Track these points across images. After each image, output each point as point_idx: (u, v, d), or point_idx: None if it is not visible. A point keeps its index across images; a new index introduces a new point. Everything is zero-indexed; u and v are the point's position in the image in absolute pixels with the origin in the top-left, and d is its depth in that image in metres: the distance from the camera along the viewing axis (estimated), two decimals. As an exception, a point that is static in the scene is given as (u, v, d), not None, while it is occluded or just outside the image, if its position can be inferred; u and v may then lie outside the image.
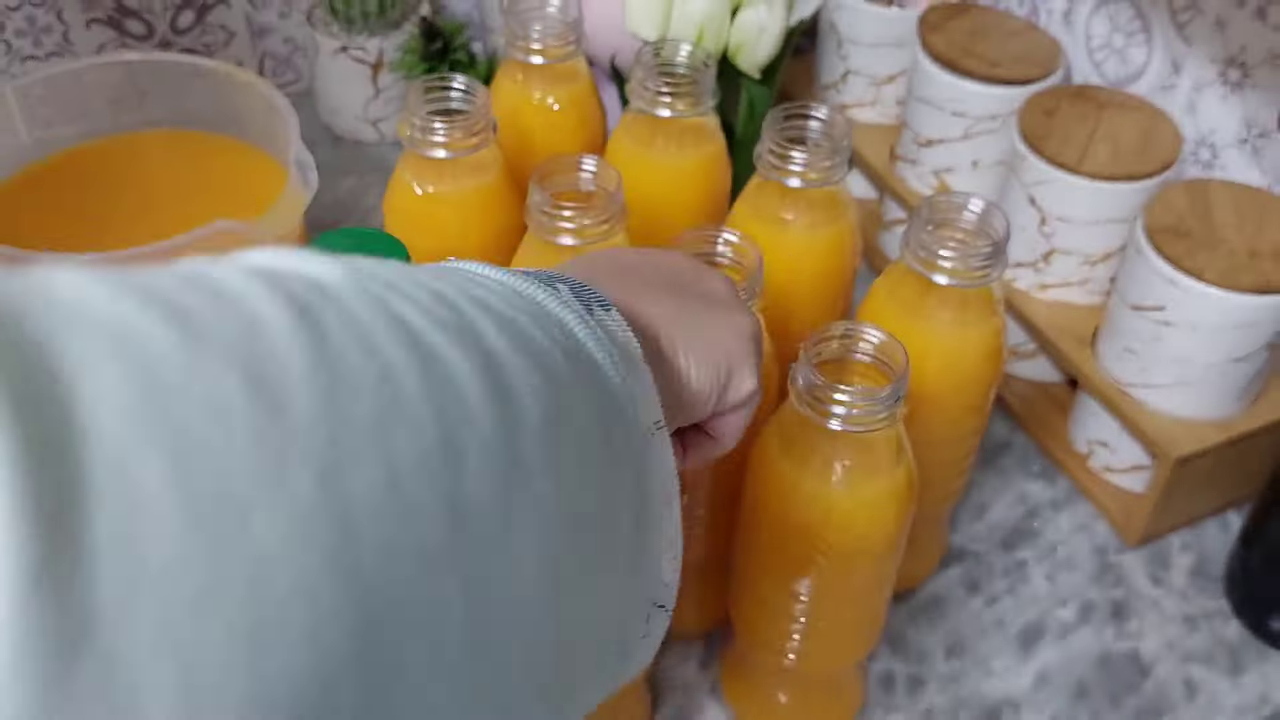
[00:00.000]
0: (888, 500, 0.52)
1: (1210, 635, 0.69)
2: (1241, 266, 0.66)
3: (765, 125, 0.59)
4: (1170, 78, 0.79)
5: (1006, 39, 0.80)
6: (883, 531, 0.52)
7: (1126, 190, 0.71)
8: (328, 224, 0.90)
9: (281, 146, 0.73)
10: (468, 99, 0.61)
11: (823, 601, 0.55)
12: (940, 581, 0.71)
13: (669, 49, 0.65)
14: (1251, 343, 0.67)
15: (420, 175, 0.62)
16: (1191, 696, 0.66)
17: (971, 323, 0.57)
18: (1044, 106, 0.75)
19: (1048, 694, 0.66)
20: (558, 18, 0.68)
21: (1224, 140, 0.76)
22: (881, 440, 0.51)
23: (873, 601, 0.56)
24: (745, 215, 0.62)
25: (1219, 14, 0.74)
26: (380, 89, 0.96)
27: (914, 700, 0.65)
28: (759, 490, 0.54)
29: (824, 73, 0.92)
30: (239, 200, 0.73)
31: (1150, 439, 0.70)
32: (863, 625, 0.57)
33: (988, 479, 0.77)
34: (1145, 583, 0.72)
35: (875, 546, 0.53)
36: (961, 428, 0.61)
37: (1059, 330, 0.76)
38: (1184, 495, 0.72)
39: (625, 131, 0.65)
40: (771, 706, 0.62)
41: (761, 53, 0.71)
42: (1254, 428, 0.70)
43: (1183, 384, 0.69)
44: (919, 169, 0.84)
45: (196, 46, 0.97)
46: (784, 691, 0.62)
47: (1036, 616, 0.70)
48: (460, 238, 0.63)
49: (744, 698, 0.63)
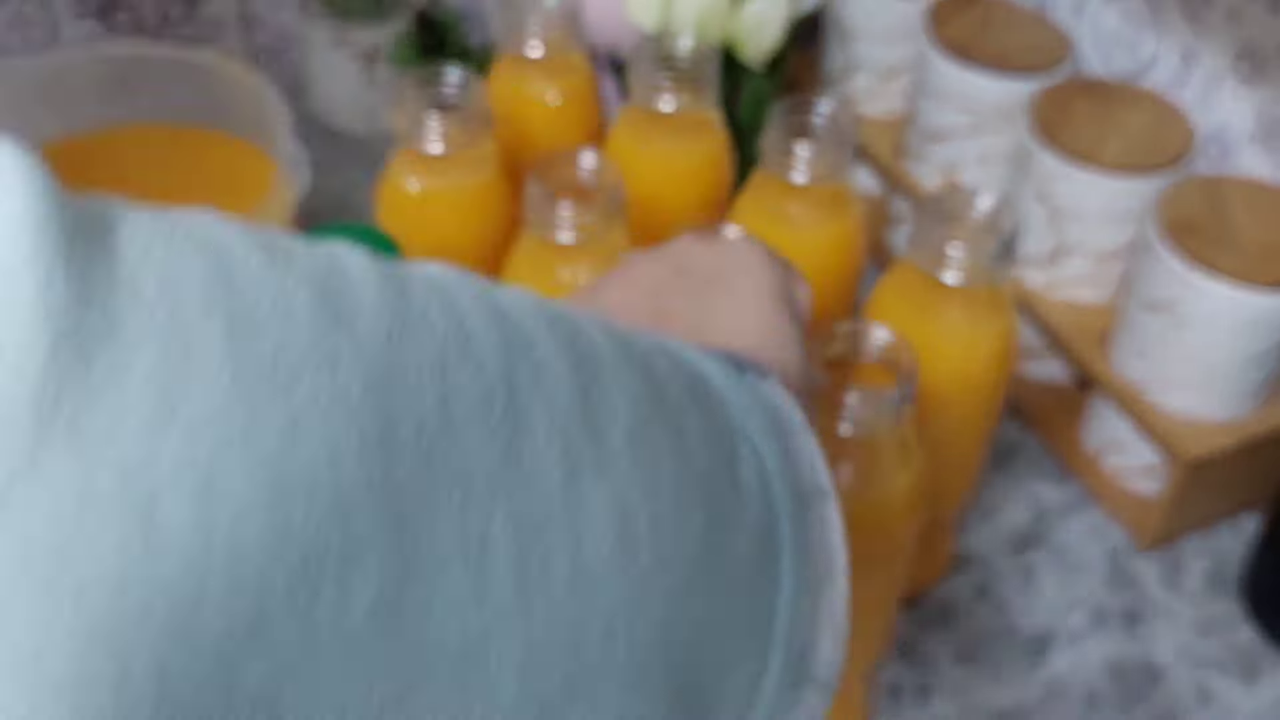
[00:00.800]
0: (896, 504, 0.51)
1: (1224, 641, 0.68)
2: (1256, 263, 0.65)
3: (769, 119, 0.59)
4: (1182, 71, 0.78)
5: (1015, 31, 0.80)
6: (890, 535, 0.52)
7: (1138, 185, 0.70)
8: (320, 219, 0.90)
9: (273, 140, 0.72)
10: (463, 93, 0.61)
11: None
12: (949, 587, 0.70)
13: (670, 40, 0.64)
14: (1266, 340, 0.66)
15: (415, 170, 0.62)
16: (1205, 704, 0.65)
17: (981, 322, 0.57)
18: (1054, 100, 0.74)
19: (1058, 702, 0.65)
20: (556, 9, 0.68)
21: (1236, 134, 0.76)
22: (889, 442, 0.50)
23: (881, 608, 0.56)
24: (748, 211, 0.61)
25: (1231, 6, 0.74)
26: (374, 82, 0.95)
27: (922, 709, 0.64)
28: None
29: (829, 65, 0.91)
30: (230, 194, 0.73)
31: (1163, 440, 0.69)
32: (871, 632, 0.57)
33: (997, 482, 0.76)
34: (1158, 588, 0.71)
35: (883, 551, 0.52)
36: (971, 429, 0.61)
37: (1070, 329, 0.75)
38: (1198, 498, 0.71)
39: (625, 125, 0.65)
40: None
41: (765, 44, 0.71)
42: (1269, 429, 0.69)
43: (1196, 384, 0.68)
44: (926, 163, 0.83)
45: (187, 39, 0.96)
46: None
47: (1047, 622, 0.69)
48: (456, 234, 0.63)
49: None
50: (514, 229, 0.62)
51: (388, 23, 0.95)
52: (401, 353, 0.23)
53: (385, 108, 0.97)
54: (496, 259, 0.63)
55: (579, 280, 0.57)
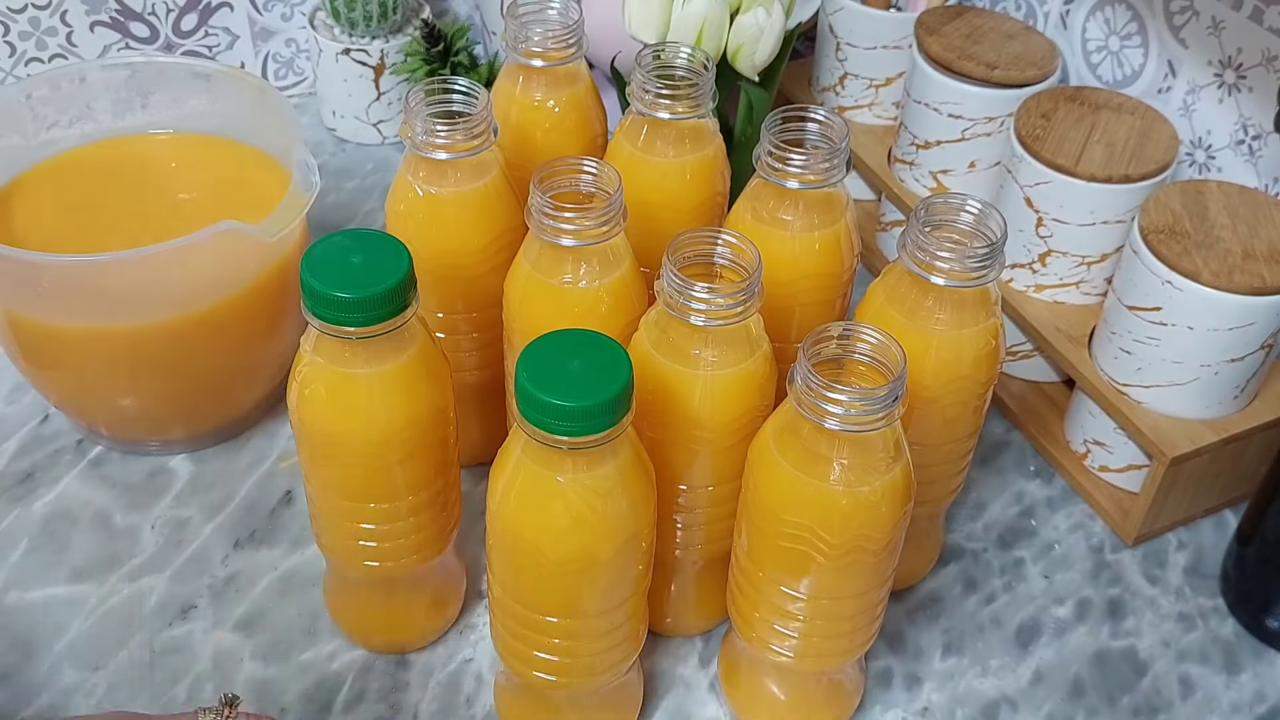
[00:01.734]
0: (886, 499, 0.52)
1: (1206, 633, 0.70)
2: (1237, 267, 0.66)
3: (764, 127, 0.60)
4: (1166, 80, 0.79)
5: (1003, 41, 0.81)
6: (880, 530, 0.53)
7: (1123, 192, 0.72)
8: (330, 226, 0.91)
9: (284, 149, 0.73)
10: (469, 101, 0.61)
11: (821, 599, 0.55)
12: (938, 580, 0.71)
13: (669, 52, 0.65)
14: (1247, 343, 0.68)
15: (422, 177, 0.62)
16: (1188, 694, 0.67)
17: (968, 323, 0.58)
18: (1041, 108, 0.76)
19: (1044, 692, 0.66)
20: (558, 20, 0.68)
21: (1220, 142, 0.77)
22: (879, 440, 0.51)
23: (871, 599, 0.57)
24: (744, 216, 0.62)
25: (1215, 16, 0.75)
26: (382, 91, 0.96)
27: (911, 697, 0.66)
28: (758, 489, 0.54)
29: (822, 75, 0.92)
30: (242, 202, 0.73)
31: (1146, 438, 0.70)
32: (861, 623, 0.58)
33: (985, 478, 0.77)
34: (1141, 581, 0.72)
35: (873, 545, 0.53)
36: (959, 427, 0.62)
37: (1055, 331, 0.76)
38: (1180, 494, 0.72)
39: (625, 134, 0.65)
40: (770, 703, 0.63)
41: (760, 55, 0.72)
42: (1249, 427, 0.71)
43: (1179, 384, 0.70)
44: (916, 170, 0.85)
45: (200, 49, 0.97)
46: (782, 688, 0.62)
47: (1033, 615, 0.70)
48: (461, 239, 0.63)
49: (743, 694, 0.64)
50: (518, 233, 0.63)
51: (395, 34, 0.96)
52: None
53: (393, 117, 0.98)
54: (501, 264, 0.64)
55: (580, 284, 0.58)
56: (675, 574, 0.65)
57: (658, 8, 0.71)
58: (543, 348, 0.49)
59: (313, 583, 0.69)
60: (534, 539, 0.51)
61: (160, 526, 0.72)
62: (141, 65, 0.78)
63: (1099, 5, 0.83)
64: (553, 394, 0.47)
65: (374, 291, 0.51)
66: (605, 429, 0.48)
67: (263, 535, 0.71)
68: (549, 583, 0.53)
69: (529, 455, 0.50)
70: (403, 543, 0.60)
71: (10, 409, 0.78)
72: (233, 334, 0.71)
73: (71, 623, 0.66)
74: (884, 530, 0.53)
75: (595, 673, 0.57)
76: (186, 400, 0.73)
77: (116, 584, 0.68)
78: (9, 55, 0.91)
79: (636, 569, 0.54)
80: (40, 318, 0.68)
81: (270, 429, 0.77)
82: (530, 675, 0.57)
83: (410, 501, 0.59)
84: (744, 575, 0.58)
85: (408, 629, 0.65)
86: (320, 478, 0.58)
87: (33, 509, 0.72)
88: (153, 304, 0.67)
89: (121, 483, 0.74)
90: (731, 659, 0.65)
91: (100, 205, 0.75)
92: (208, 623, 0.67)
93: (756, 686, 0.63)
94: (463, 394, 0.65)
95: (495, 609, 0.57)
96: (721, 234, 0.55)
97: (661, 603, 0.66)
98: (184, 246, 0.64)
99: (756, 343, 0.56)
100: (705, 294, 0.53)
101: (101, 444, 0.76)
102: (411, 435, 0.56)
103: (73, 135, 0.78)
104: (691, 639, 0.68)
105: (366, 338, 0.53)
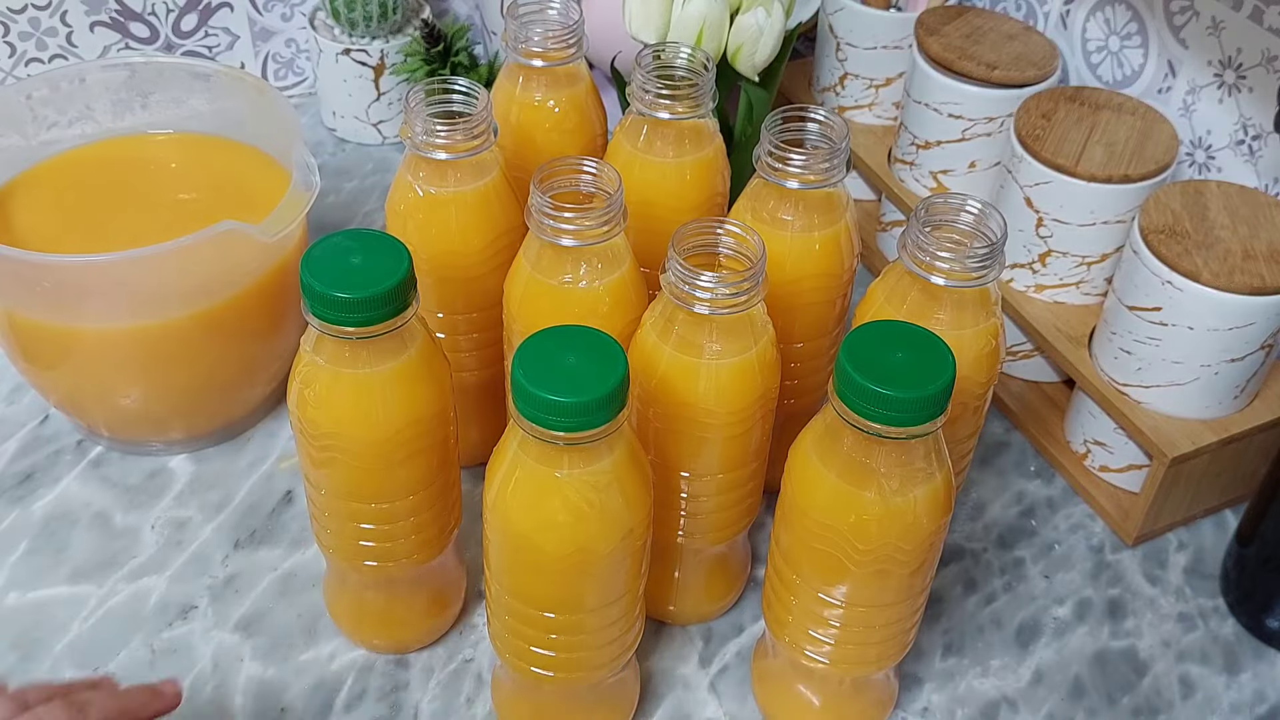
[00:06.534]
0: (924, 507, 0.52)
1: (1206, 633, 0.70)
2: (1237, 267, 0.66)
3: (764, 127, 0.60)
4: (1166, 80, 0.79)
5: (1003, 41, 0.81)
6: (918, 538, 0.53)
7: (1123, 192, 0.72)
8: (330, 226, 0.91)
9: (284, 149, 0.73)
10: (469, 101, 0.61)
11: (857, 607, 0.55)
12: (938, 580, 0.71)
13: (669, 52, 0.65)
14: (1247, 343, 0.68)
15: (422, 177, 0.62)
16: (1188, 695, 0.67)
17: (968, 323, 0.58)
18: (1041, 108, 0.76)
19: (1044, 692, 0.66)
20: (558, 21, 0.68)
21: (1220, 142, 0.77)
22: (920, 447, 0.51)
23: (908, 607, 0.56)
24: (744, 216, 0.62)
25: (1215, 16, 0.75)
26: (382, 92, 0.97)
27: (911, 697, 0.66)
28: (795, 494, 0.54)
29: (822, 75, 0.93)
30: (242, 202, 0.74)
31: (1146, 439, 0.70)
32: (897, 631, 0.57)
33: (985, 478, 0.77)
34: (1142, 581, 0.72)
35: (906, 556, 0.53)
36: (959, 427, 0.62)
37: (1055, 331, 0.76)
38: (1180, 494, 0.72)
39: (625, 134, 0.65)
40: (804, 708, 0.62)
41: (760, 55, 0.72)
42: (1249, 427, 0.71)
43: (1179, 384, 0.70)
44: (917, 171, 0.85)
45: (200, 49, 0.97)
46: (817, 694, 0.62)
47: (1033, 615, 0.70)
48: (461, 240, 0.63)
49: (776, 699, 0.63)
50: (518, 233, 0.63)
51: (395, 35, 0.96)
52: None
53: (393, 117, 0.98)
54: (501, 264, 0.64)
55: (580, 285, 0.58)
56: (679, 562, 0.65)
57: (658, 8, 0.71)
58: (539, 344, 0.49)
59: (313, 583, 0.69)
60: (531, 534, 0.51)
61: (160, 527, 0.72)
62: (141, 66, 0.78)
63: (1099, 5, 0.83)
64: (549, 390, 0.47)
65: (374, 292, 0.51)
66: (602, 424, 0.48)
67: (263, 535, 0.71)
68: (546, 577, 0.53)
69: (526, 451, 0.50)
70: (403, 543, 0.60)
71: (10, 409, 0.78)
72: (233, 334, 0.71)
73: (71, 623, 0.66)
74: (922, 538, 0.53)
75: (592, 667, 0.57)
76: (186, 400, 0.73)
77: (116, 584, 0.68)
78: (9, 55, 0.91)
79: (633, 563, 0.54)
80: (40, 318, 0.68)
81: (270, 429, 0.77)
82: (527, 670, 0.57)
83: (410, 501, 0.59)
84: (779, 578, 0.57)
85: (408, 629, 0.65)
86: (320, 478, 0.58)
87: (33, 509, 0.72)
88: (153, 304, 0.68)
89: (121, 483, 0.74)
90: (764, 663, 0.64)
91: (100, 205, 0.75)
92: (208, 623, 0.67)
93: (790, 691, 0.63)
94: (463, 394, 0.65)
95: (492, 604, 0.57)
96: (725, 223, 0.56)
97: (665, 590, 0.66)
98: (184, 246, 0.64)
99: (761, 331, 0.56)
100: (710, 283, 0.53)
101: (101, 444, 0.76)
102: (411, 435, 0.56)
103: (72, 136, 0.78)
104: (692, 639, 0.68)
105: (367, 338, 0.53)
